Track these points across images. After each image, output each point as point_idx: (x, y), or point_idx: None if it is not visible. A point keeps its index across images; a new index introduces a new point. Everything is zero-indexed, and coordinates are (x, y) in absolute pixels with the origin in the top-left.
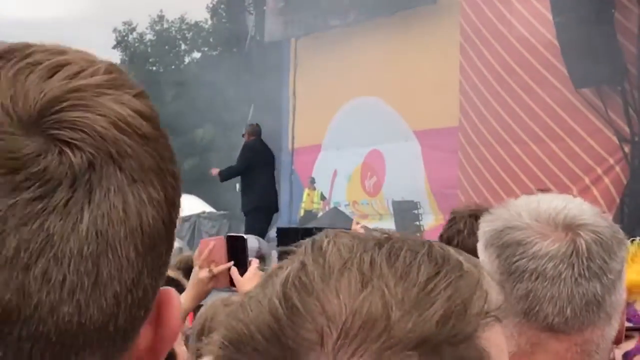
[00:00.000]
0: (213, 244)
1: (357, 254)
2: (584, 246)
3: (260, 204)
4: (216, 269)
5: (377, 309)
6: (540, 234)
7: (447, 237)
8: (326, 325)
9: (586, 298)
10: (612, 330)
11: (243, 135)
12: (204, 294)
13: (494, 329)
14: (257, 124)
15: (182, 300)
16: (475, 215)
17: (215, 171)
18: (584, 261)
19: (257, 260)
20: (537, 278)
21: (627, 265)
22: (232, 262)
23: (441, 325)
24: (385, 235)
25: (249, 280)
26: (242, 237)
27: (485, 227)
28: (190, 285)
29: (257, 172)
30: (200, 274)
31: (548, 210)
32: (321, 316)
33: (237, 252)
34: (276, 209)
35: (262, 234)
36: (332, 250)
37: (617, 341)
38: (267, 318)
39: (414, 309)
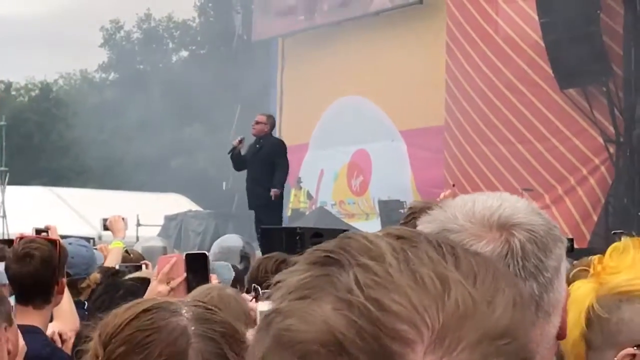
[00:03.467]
0: (174, 260)
1: (407, 252)
2: (518, 246)
3: (277, 199)
4: (174, 282)
5: (467, 303)
6: (474, 236)
7: None
8: (422, 323)
9: None
10: (552, 328)
11: (257, 123)
12: None
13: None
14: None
15: None
16: (431, 209)
17: (276, 194)
18: (519, 261)
19: (215, 276)
20: None
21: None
22: (189, 277)
23: (515, 309)
24: (394, 232)
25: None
26: (204, 254)
27: (423, 229)
28: None
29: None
30: (158, 287)
31: (482, 210)
32: (416, 314)
33: (197, 269)
34: None
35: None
36: (381, 250)
37: (560, 337)
38: (357, 321)
39: (490, 298)
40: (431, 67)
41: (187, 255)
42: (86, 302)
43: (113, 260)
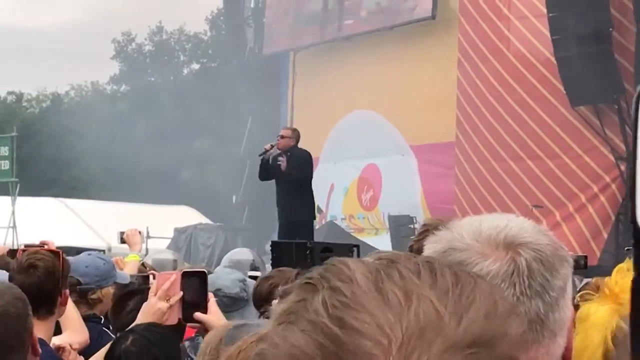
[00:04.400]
0: (174, 277)
1: (380, 271)
2: (524, 264)
3: (309, 217)
4: (173, 299)
5: (430, 316)
6: (480, 254)
7: (417, 249)
8: (384, 338)
9: (529, 316)
10: (557, 348)
11: (282, 137)
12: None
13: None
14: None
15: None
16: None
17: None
18: (525, 279)
19: (212, 295)
20: None
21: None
22: (186, 295)
23: (488, 321)
24: (383, 255)
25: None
26: (203, 272)
27: (429, 248)
28: (144, 316)
29: (310, 184)
30: (158, 304)
31: (489, 230)
32: (378, 329)
33: (192, 288)
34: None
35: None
36: (354, 272)
37: (566, 358)
38: (320, 341)
39: (460, 310)
40: (443, 82)
41: (183, 273)
42: (102, 318)
43: (130, 273)
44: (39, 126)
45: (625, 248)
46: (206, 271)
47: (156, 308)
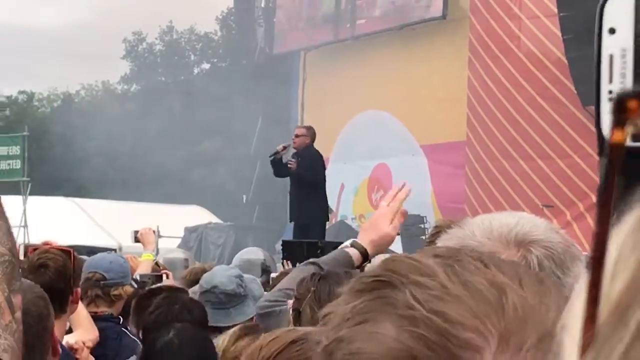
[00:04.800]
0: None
1: (454, 265)
2: (535, 262)
3: (322, 218)
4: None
5: (524, 306)
6: (492, 252)
7: None
8: (485, 329)
9: None
10: None
11: (297, 136)
12: None
13: None
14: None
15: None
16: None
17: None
18: None
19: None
20: None
21: None
22: None
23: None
24: (437, 252)
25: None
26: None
27: (442, 245)
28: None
29: (324, 184)
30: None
31: (500, 227)
32: (478, 321)
33: None
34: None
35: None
36: (430, 267)
37: None
38: (424, 334)
39: (545, 299)
40: (453, 82)
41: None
42: (121, 318)
43: (144, 272)
44: (50, 126)
45: None
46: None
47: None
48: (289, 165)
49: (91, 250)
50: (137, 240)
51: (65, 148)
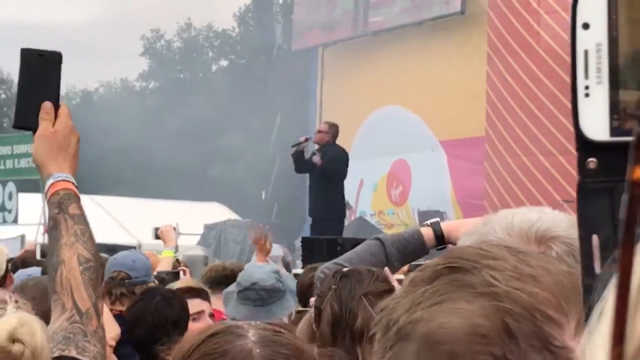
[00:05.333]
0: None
1: (514, 254)
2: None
3: (339, 214)
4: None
5: (574, 282)
6: None
7: None
8: (565, 306)
9: None
10: None
11: (319, 132)
12: None
13: None
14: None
15: None
16: None
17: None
18: None
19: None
20: None
21: None
22: None
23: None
24: (485, 245)
25: None
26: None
27: (462, 242)
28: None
29: (342, 181)
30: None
31: (521, 223)
32: (556, 299)
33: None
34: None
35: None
36: (495, 253)
37: None
38: (507, 307)
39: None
40: (472, 77)
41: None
42: None
43: (164, 269)
44: None
45: None
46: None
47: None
48: (313, 160)
49: (111, 248)
50: (157, 237)
51: (84, 145)
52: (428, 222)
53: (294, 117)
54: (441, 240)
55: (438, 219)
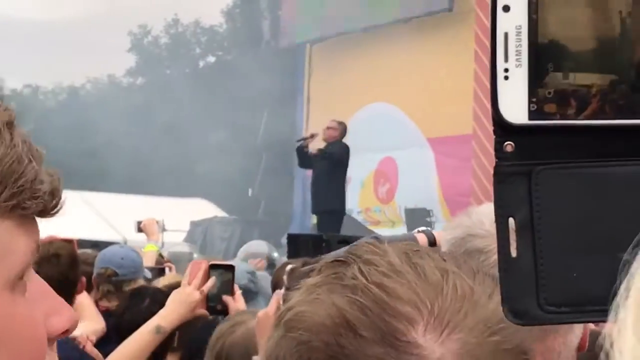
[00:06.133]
0: (205, 267)
1: (408, 252)
2: None
3: (341, 207)
4: (205, 287)
5: (465, 291)
6: None
7: None
8: (423, 305)
9: None
10: (574, 338)
11: (328, 128)
12: (191, 316)
13: None
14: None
15: (168, 317)
16: None
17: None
18: None
19: (238, 288)
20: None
21: None
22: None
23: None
24: (408, 243)
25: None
26: (232, 266)
27: (447, 234)
28: (179, 304)
29: (344, 175)
30: (194, 294)
31: None
32: (417, 297)
33: (219, 280)
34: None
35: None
36: (384, 249)
37: (581, 348)
38: (362, 302)
39: (488, 290)
40: (460, 75)
41: (211, 265)
42: None
43: (147, 264)
44: (55, 119)
45: None
46: (234, 265)
47: (192, 298)
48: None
49: (95, 244)
50: (140, 230)
51: (70, 142)
52: (420, 229)
53: (281, 114)
54: (433, 246)
55: (429, 228)
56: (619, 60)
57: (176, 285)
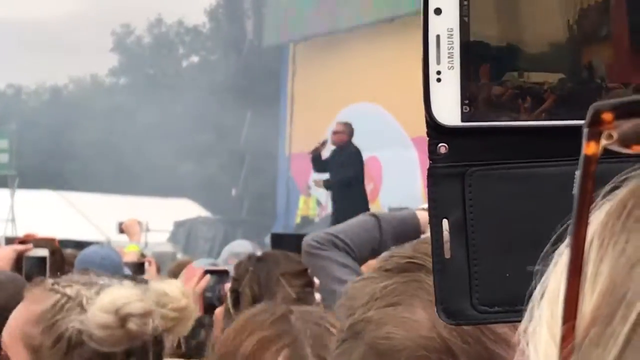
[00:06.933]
0: (200, 273)
1: None
2: None
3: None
4: (199, 287)
5: None
6: None
7: None
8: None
9: None
10: None
11: (336, 133)
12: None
13: None
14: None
15: None
16: None
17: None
18: None
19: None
20: None
21: None
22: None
23: None
24: None
25: None
26: (226, 271)
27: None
28: None
29: (361, 182)
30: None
31: None
32: None
33: (211, 285)
34: None
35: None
36: None
37: None
38: (463, 329)
39: None
40: None
41: (206, 271)
42: None
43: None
44: (38, 119)
45: None
46: (228, 270)
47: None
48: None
49: (78, 244)
50: (121, 231)
51: (53, 141)
52: (424, 206)
53: (264, 114)
54: None
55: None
56: (551, 62)
57: None
